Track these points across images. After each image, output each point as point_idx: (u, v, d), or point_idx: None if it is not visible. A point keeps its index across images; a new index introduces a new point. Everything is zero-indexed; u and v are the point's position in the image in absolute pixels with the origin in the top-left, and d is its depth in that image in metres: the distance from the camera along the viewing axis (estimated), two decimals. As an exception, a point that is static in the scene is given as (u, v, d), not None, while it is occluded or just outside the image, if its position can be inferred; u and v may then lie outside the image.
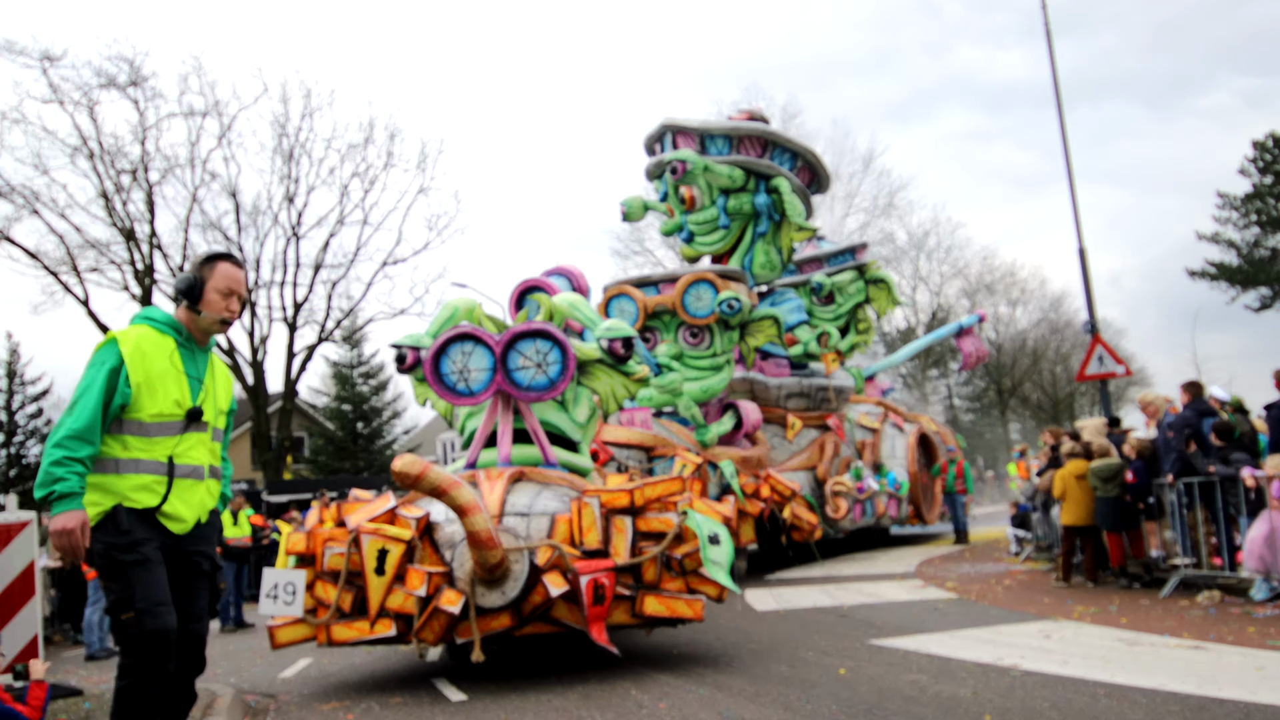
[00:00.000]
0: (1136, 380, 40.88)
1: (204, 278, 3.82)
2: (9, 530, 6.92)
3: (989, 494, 38.08)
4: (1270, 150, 39.58)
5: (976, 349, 19.70)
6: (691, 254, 15.81)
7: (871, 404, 17.86)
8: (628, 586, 6.38)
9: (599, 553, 6.29)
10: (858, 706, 5.25)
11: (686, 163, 13.87)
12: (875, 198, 42.54)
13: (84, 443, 3.44)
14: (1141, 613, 8.22)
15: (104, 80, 26.59)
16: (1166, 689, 5.23)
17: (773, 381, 15.23)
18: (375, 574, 6.21)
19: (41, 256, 26.77)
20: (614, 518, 6.46)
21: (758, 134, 14.61)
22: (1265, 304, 38.90)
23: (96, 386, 3.53)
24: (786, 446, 14.94)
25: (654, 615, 6.46)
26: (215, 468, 3.93)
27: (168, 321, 3.82)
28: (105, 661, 10.08)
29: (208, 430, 3.84)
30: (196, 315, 3.82)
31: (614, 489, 6.77)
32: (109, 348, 3.63)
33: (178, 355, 3.76)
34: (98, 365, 3.58)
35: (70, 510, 3.37)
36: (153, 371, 3.63)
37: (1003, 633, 7.54)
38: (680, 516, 6.49)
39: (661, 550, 6.40)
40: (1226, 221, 40.44)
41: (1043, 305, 48.03)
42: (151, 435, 3.63)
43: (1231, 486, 8.82)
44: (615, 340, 7.57)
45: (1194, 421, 9.44)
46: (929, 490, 17.97)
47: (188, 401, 3.73)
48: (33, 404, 32.35)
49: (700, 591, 6.57)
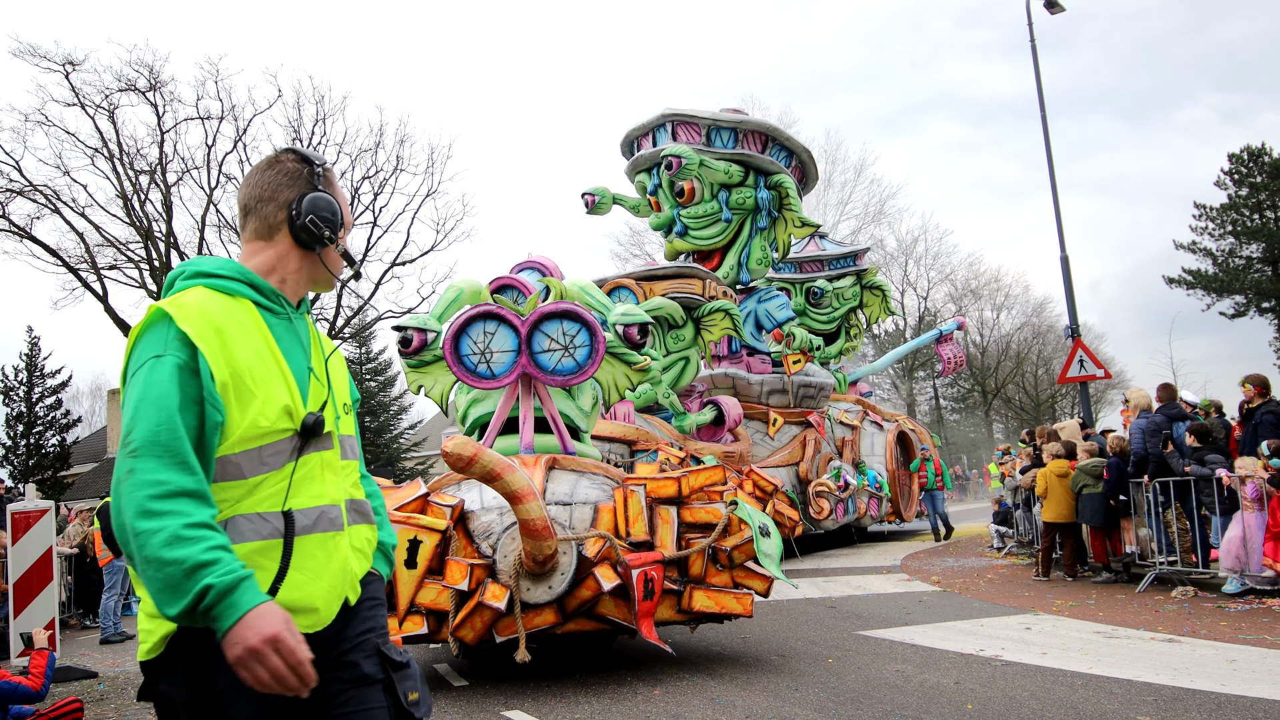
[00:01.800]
0: (1115, 383, 40.91)
1: (338, 200, 2.13)
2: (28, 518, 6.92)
3: (973, 491, 38.12)
4: (1245, 163, 39.62)
5: (955, 355, 19.65)
6: (687, 247, 15.08)
7: (850, 402, 17.77)
8: (673, 581, 5.84)
9: (645, 544, 5.74)
10: (845, 695, 5.25)
11: (682, 158, 13.48)
12: (867, 205, 42.65)
13: (192, 498, 1.75)
14: (1118, 607, 8.23)
15: (124, 84, 26.53)
16: (1142, 680, 5.24)
17: (754, 378, 15.01)
18: (405, 567, 5.53)
19: (62, 254, 26.72)
20: (658, 507, 5.91)
21: (760, 129, 14.43)
22: (1239, 311, 38.95)
23: (170, 399, 1.80)
24: (769, 443, 14.81)
25: (703, 611, 5.90)
26: (359, 502, 2.18)
27: (237, 274, 2.04)
28: (119, 645, 10.07)
29: (334, 446, 2.11)
30: (310, 257, 2.12)
31: (659, 477, 6.16)
32: (160, 329, 1.88)
33: (267, 329, 2.04)
34: (153, 365, 1.84)
35: (252, 611, 1.67)
36: (240, 363, 1.92)
37: (985, 625, 7.54)
38: (729, 507, 5.95)
39: (711, 542, 5.85)
40: (1203, 231, 40.51)
41: (1026, 310, 48.20)
42: (246, 474, 1.92)
43: (1206, 486, 8.83)
44: (631, 326, 7.05)
45: (1164, 425, 9.46)
46: (907, 488, 17.92)
47: (300, 405, 2.02)
48: (51, 396, 32.39)
49: (746, 586, 6.07)
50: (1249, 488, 8.15)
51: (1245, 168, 39.62)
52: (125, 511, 1.70)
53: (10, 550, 7.03)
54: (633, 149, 15.27)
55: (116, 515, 1.72)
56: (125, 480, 1.72)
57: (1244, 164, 39.68)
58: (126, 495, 1.70)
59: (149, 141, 27.60)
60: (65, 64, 25.52)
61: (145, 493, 1.70)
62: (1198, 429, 9.08)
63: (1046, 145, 15.89)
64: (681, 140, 14.25)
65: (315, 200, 2.08)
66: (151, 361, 1.83)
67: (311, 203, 2.08)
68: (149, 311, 1.92)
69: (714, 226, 14.78)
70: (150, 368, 1.82)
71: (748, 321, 15.39)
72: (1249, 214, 39.17)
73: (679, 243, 15.10)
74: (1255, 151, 39.41)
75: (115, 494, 1.73)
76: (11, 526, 7.05)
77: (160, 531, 1.66)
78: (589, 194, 15.06)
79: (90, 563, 12.14)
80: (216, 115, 28.13)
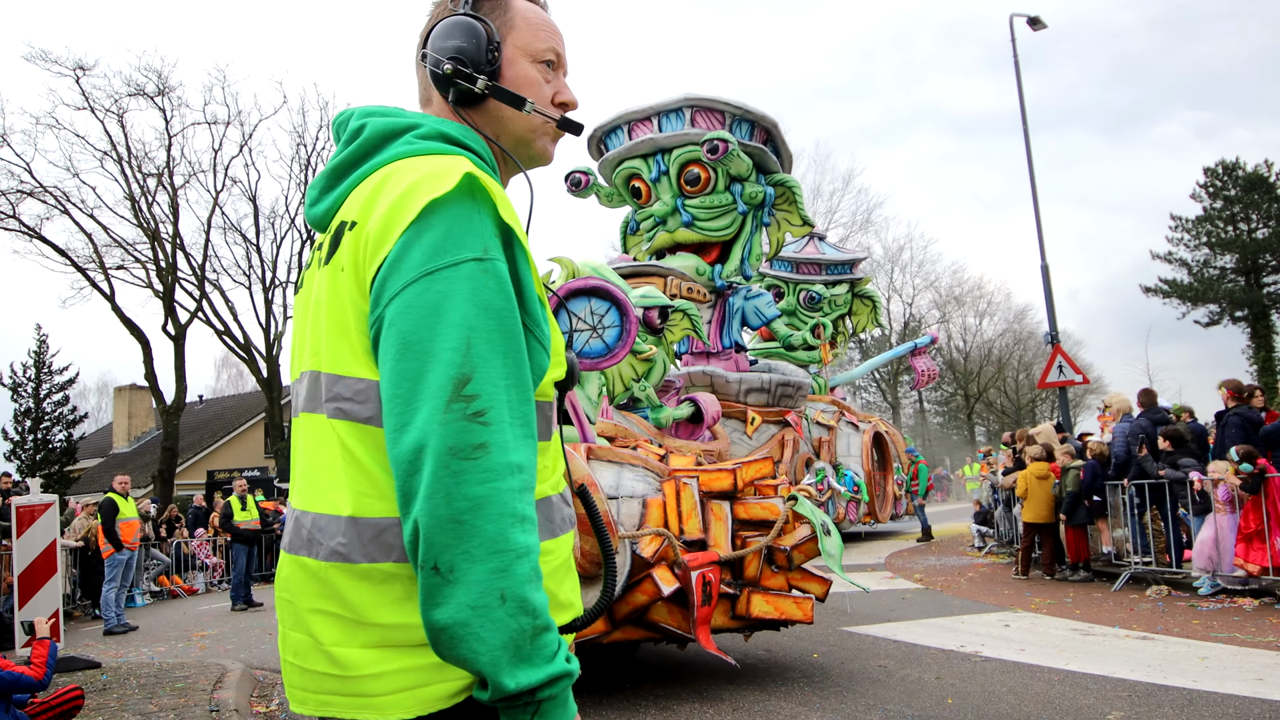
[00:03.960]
0: (1093, 389, 41.08)
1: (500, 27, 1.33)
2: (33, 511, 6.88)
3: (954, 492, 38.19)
4: (1220, 177, 39.79)
5: (928, 368, 19.55)
6: (696, 238, 13.69)
7: (826, 402, 17.67)
8: (727, 584, 5.12)
9: (698, 544, 5.06)
10: (829, 689, 5.24)
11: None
12: (854, 214, 42.77)
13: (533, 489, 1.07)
14: (1094, 605, 8.24)
15: (133, 89, 26.47)
16: (1117, 676, 5.24)
17: (733, 376, 14.74)
18: None
19: (71, 254, 26.64)
20: (710, 503, 5.19)
21: (768, 124, 14.05)
22: (1213, 320, 39.11)
23: (519, 332, 1.10)
24: (747, 441, 14.63)
25: (760, 617, 5.16)
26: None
27: (485, 151, 1.30)
28: (122, 636, 10.01)
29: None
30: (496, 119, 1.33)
31: (712, 469, 5.43)
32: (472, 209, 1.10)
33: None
34: (480, 272, 1.06)
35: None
36: (536, 277, 1.22)
37: (965, 622, 7.54)
38: (788, 503, 5.24)
39: (769, 541, 5.12)
40: (1179, 242, 40.66)
41: (1007, 317, 48.38)
42: (547, 434, 1.25)
43: (1180, 489, 8.85)
44: (650, 309, 6.48)
45: (1148, 429, 9.47)
46: (883, 489, 17.83)
47: (560, 340, 1.32)
48: (59, 392, 32.26)
49: (802, 589, 5.36)
50: (1220, 490, 8.17)
51: (1220, 181, 39.79)
52: (482, 508, 0.99)
53: (15, 543, 6.99)
54: (606, 140, 13.74)
55: (444, 502, 0.98)
56: (471, 458, 0.99)
57: (1219, 177, 39.85)
58: (479, 484, 0.99)
59: (157, 145, 27.64)
60: (76, 69, 25.46)
61: (514, 484, 1.01)
62: (1171, 433, 9.11)
63: (1028, 158, 15.94)
64: (700, 127, 13.58)
65: (448, 28, 1.30)
66: (473, 266, 1.05)
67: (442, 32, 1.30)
68: (437, 173, 1.09)
69: (725, 218, 13.81)
70: (472, 275, 1.04)
71: (734, 318, 15.15)
72: (1223, 226, 39.33)
73: (684, 233, 14.04)
74: (1230, 165, 39.59)
75: (444, 470, 0.98)
76: (17, 520, 7.01)
77: (526, 558, 1.01)
78: (582, 172, 13.22)
79: (94, 555, 12.07)
80: (223, 120, 28.11)
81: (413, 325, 1.03)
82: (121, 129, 26.78)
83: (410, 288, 1.04)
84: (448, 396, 1.01)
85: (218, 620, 11.16)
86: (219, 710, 5.20)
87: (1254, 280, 37.76)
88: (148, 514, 14.83)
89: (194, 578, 15.68)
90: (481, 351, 1.03)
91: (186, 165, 28.09)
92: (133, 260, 27.51)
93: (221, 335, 28.79)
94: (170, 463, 26.96)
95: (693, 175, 13.47)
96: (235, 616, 11.39)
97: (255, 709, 5.72)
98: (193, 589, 15.27)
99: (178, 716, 5.02)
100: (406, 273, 1.05)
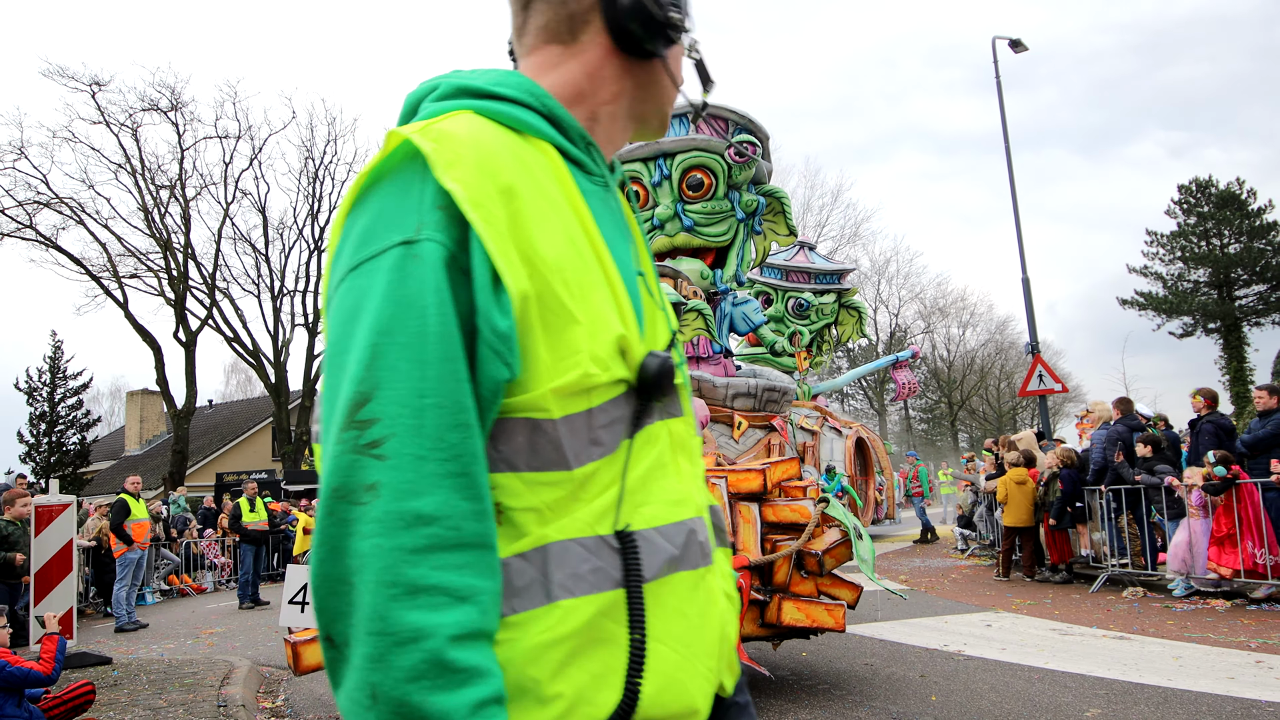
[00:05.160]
0: (1072, 397, 41.15)
1: None
2: (50, 512, 6.86)
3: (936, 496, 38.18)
4: (1194, 194, 39.97)
5: (909, 382, 19.51)
6: (697, 243, 13.43)
7: (809, 408, 17.65)
8: (756, 590, 4.84)
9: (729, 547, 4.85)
10: (817, 686, 5.24)
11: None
12: (843, 227, 43.03)
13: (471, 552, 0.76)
14: (1072, 606, 8.25)
15: (147, 104, 26.50)
16: (1094, 675, 5.25)
17: (720, 381, 14.72)
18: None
19: (85, 263, 26.62)
20: (739, 504, 4.89)
21: (763, 136, 13.99)
22: (1187, 331, 39.24)
23: (446, 335, 0.78)
24: (733, 445, 14.57)
25: (792, 625, 4.84)
26: (714, 509, 1.10)
27: (530, 97, 0.92)
28: (132, 633, 9.98)
29: (683, 411, 1.00)
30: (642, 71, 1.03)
31: (741, 469, 5.15)
32: (405, 179, 0.82)
33: (582, 199, 0.91)
34: (401, 260, 0.79)
35: None
36: (547, 257, 0.84)
37: (949, 622, 7.55)
38: (819, 505, 4.90)
39: (800, 545, 4.79)
40: (1154, 256, 40.82)
41: (989, 328, 48.54)
42: (572, 459, 0.84)
43: (1155, 494, 8.88)
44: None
45: (1126, 436, 9.50)
46: (864, 492, 17.81)
47: (636, 336, 0.90)
48: (73, 397, 32.17)
49: (832, 595, 5.01)
50: (1194, 495, 8.20)
51: (1194, 198, 39.98)
52: (361, 569, 0.74)
53: (33, 541, 6.97)
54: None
55: (330, 557, 0.76)
56: (360, 502, 0.76)
57: (1193, 194, 40.03)
58: (361, 535, 0.75)
59: (169, 158, 27.72)
60: (92, 84, 25.50)
61: (407, 540, 0.74)
62: (1148, 440, 9.14)
63: (1010, 175, 16.00)
64: (704, 134, 13.58)
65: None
66: (397, 252, 0.80)
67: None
68: (387, 143, 0.85)
69: (723, 224, 13.83)
70: (395, 265, 0.80)
71: (723, 324, 15.17)
72: (1197, 241, 39.50)
73: (683, 238, 14.09)
74: (1203, 183, 39.79)
75: (330, 518, 0.77)
76: (35, 519, 6.99)
77: (415, 645, 0.72)
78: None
79: (106, 554, 12.02)
80: (234, 134, 28.18)
81: (334, 335, 0.81)
82: (135, 142, 26.82)
83: (340, 288, 0.82)
84: (341, 423, 0.77)
85: (225, 618, 11.12)
86: (226, 705, 5.18)
87: (1226, 293, 37.91)
88: (159, 514, 14.78)
89: (203, 577, 15.63)
90: (391, 362, 0.76)
91: (198, 178, 28.23)
92: (145, 269, 27.52)
93: (231, 342, 28.76)
94: (180, 465, 26.88)
95: (695, 180, 13.46)
96: (242, 614, 11.36)
97: (261, 704, 5.71)
98: (201, 588, 15.21)
99: (186, 711, 5.01)
100: (339, 271, 0.83)
